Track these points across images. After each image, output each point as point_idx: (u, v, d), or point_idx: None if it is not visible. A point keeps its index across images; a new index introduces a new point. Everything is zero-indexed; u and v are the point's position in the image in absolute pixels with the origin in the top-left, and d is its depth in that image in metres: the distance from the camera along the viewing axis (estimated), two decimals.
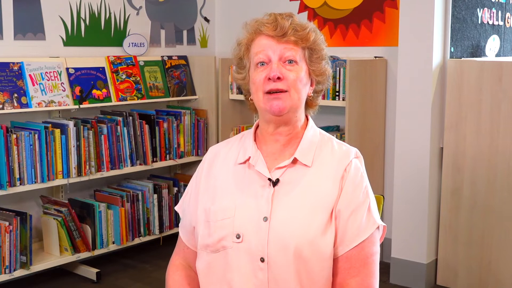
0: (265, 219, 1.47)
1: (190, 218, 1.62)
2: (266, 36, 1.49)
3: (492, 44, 3.69)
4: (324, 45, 1.56)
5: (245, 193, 1.52)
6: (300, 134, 1.56)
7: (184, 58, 4.29)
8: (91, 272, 3.57)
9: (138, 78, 3.95)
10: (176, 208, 1.69)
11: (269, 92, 1.48)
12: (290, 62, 1.49)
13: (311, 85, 1.56)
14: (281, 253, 1.44)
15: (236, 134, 4.09)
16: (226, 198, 1.53)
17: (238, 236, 1.48)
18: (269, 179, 1.50)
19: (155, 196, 3.94)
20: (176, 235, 1.73)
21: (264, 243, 1.45)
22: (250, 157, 1.55)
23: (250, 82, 1.54)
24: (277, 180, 1.50)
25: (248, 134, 1.62)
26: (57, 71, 3.52)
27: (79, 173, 3.51)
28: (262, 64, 1.49)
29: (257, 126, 1.61)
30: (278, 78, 1.46)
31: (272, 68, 1.47)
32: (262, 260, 1.45)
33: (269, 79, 1.47)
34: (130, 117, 3.79)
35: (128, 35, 4.04)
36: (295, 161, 1.52)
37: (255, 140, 1.58)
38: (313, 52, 1.53)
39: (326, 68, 1.56)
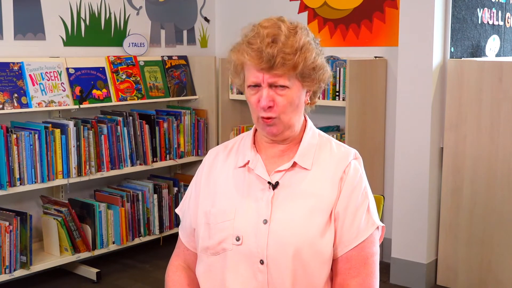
0: (265, 221, 1.47)
1: (190, 220, 1.62)
2: (253, 67, 1.44)
3: (492, 44, 3.69)
4: (319, 57, 1.48)
5: (245, 196, 1.52)
6: (299, 137, 1.56)
7: (184, 58, 4.29)
8: (91, 272, 3.57)
9: (138, 78, 3.95)
10: (177, 210, 1.70)
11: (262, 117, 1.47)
12: (281, 87, 1.44)
13: (308, 91, 1.53)
14: (281, 255, 1.44)
15: (236, 134, 4.11)
16: (226, 201, 1.53)
17: (238, 239, 1.48)
18: (269, 182, 1.51)
19: (155, 196, 3.94)
20: (176, 235, 1.73)
21: (263, 246, 1.45)
22: (249, 161, 1.55)
23: (246, 95, 1.51)
24: (277, 183, 1.50)
25: (247, 137, 1.61)
26: (57, 71, 3.52)
27: (79, 173, 3.51)
28: (255, 86, 1.46)
29: (256, 129, 1.60)
30: (269, 107, 1.45)
31: (262, 97, 1.44)
32: (262, 262, 1.45)
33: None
34: (130, 117, 3.79)
35: (128, 35, 4.04)
36: (294, 164, 1.52)
37: (254, 143, 1.59)
38: (305, 69, 1.46)
39: (321, 78, 1.51)
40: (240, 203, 1.51)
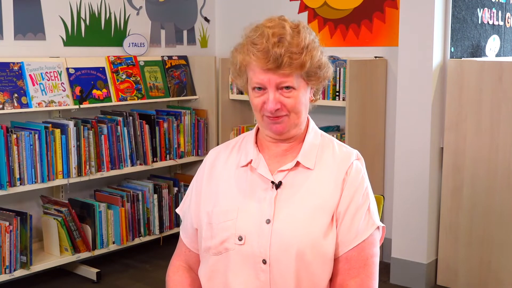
0: (268, 221, 1.47)
1: (191, 221, 1.62)
2: (259, 67, 1.43)
3: (492, 44, 3.69)
4: (322, 56, 1.49)
5: (248, 195, 1.52)
6: (301, 137, 1.56)
7: (184, 58, 4.28)
8: (91, 272, 3.57)
9: (138, 78, 3.95)
10: (177, 210, 1.69)
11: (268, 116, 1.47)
12: (287, 88, 1.44)
13: (312, 88, 1.54)
14: (284, 255, 1.44)
15: (236, 134, 4.11)
16: (228, 200, 1.53)
17: (240, 238, 1.48)
18: (272, 182, 1.50)
19: (155, 196, 3.94)
20: (176, 235, 1.74)
21: (266, 245, 1.45)
22: (252, 160, 1.55)
23: (249, 96, 1.51)
24: (280, 183, 1.50)
25: (249, 136, 1.61)
26: (57, 71, 3.52)
27: (79, 173, 3.51)
28: (259, 88, 1.46)
29: (258, 128, 1.60)
30: (277, 109, 1.44)
31: (269, 100, 1.44)
32: (264, 262, 1.45)
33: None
34: (130, 117, 3.79)
35: (128, 35, 4.04)
36: (297, 164, 1.52)
37: (256, 142, 1.58)
38: (312, 67, 1.46)
39: (326, 75, 1.52)
40: (242, 202, 1.51)
